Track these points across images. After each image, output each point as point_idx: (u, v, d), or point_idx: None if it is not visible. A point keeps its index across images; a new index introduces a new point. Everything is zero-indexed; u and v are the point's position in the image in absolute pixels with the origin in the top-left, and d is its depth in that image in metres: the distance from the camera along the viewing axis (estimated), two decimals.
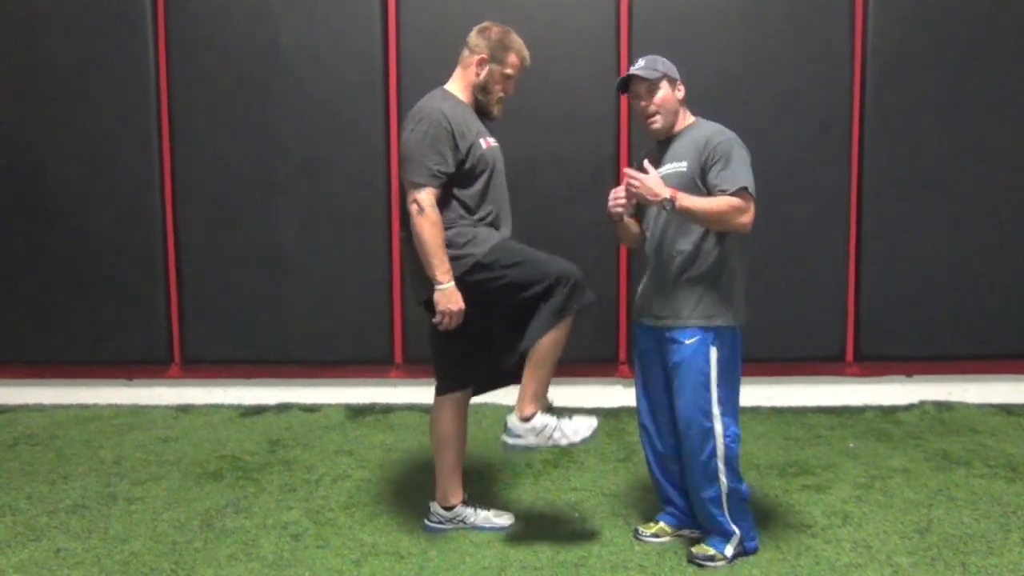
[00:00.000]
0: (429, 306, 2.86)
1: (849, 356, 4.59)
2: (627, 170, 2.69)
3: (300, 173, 4.55)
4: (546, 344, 2.78)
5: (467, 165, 2.78)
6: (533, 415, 2.80)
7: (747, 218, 2.66)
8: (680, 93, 2.82)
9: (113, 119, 4.55)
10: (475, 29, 2.90)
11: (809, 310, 4.48)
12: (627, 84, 2.82)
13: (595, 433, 2.82)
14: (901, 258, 4.49)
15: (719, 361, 2.74)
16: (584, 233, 4.42)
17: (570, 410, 2.91)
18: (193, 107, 4.54)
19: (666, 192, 2.60)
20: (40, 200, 4.61)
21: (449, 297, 2.72)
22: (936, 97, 4.43)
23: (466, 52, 2.89)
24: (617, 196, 2.79)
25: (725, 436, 2.75)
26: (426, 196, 2.71)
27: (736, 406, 2.82)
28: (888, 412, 4.47)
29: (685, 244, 2.75)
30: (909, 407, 4.53)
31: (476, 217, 2.83)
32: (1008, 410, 4.46)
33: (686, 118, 2.85)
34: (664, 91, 2.77)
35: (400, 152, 2.80)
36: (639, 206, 2.93)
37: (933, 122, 4.44)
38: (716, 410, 2.74)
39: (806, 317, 4.48)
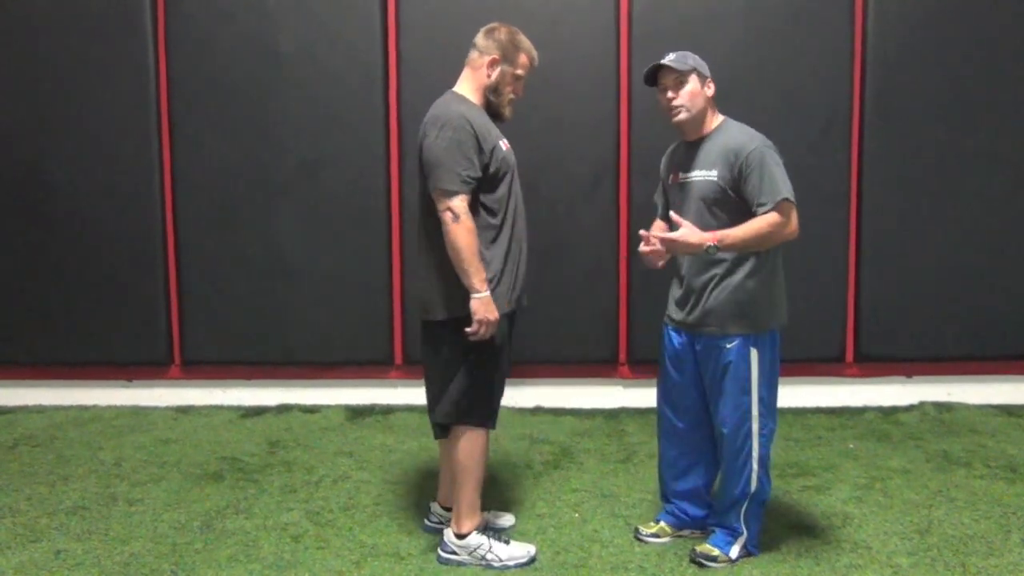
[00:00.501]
0: (427, 329, 2.80)
1: (849, 357, 4.59)
2: (659, 235, 2.64)
3: (300, 175, 4.54)
4: (465, 460, 2.79)
5: (491, 169, 2.69)
6: (469, 533, 2.81)
7: (792, 227, 2.64)
8: (710, 91, 2.75)
9: (113, 120, 4.55)
10: (482, 30, 2.82)
11: (809, 311, 4.47)
12: (655, 76, 2.77)
13: (531, 559, 2.82)
14: (901, 259, 4.49)
15: (760, 364, 2.72)
16: (585, 236, 4.43)
17: (509, 534, 2.96)
18: (192, 109, 4.54)
19: (708, 239, 2.56)
20: (40, 202, 4.60)
21: (487, 306, 2.62)
22: (936, 98, 4.43)
23: (475, 54, 2.79)
24: (656, 252, 2.71)
25: (761, 436, 2.74)
26: (460, 203, 2.60)
27: (775, 404, 2.81)
28: (888, 413, 4.46)
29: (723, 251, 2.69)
30: (909, 408, 4.53)
31: (498, 225, 2.74)
32: (1008, 411, 4.46)
33: (715, 118, 2.79)
34: (692, 85, 2.71)
35: (425, 160, 2.68)
36: (664, 209, 2.92)
37: (933, 123, 4.44)
38: (756, 411, 2.72)
39: (806, 318, 4.46)
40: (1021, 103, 4.43)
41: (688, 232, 2.58)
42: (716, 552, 2.78)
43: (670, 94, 2.73)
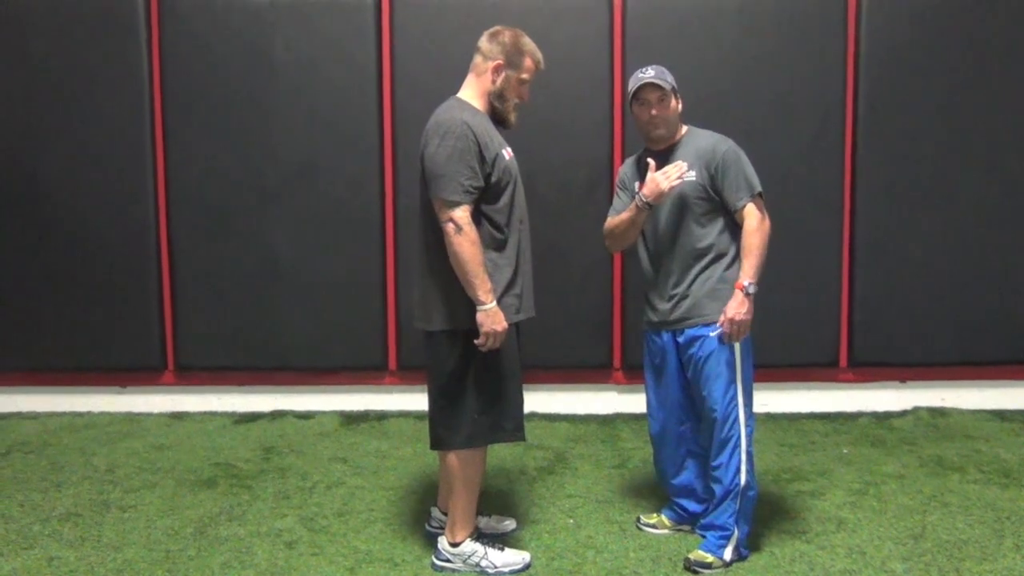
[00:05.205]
0: (431, 341, 2.75)
1: (843, 362, 4.59)
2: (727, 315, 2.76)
3: (294, 180, 4.54)
4: (461, 472, 2.78)
5: (493, 178, 2.64)
6: (462, 542, 2.81)
7: (768, 220, 2.82)
8: (680, 106, 2.91)
9: (107, 126, 4.54)
10: (486, 34, 2.76)
11: (803, 316, 4.48)
12: (637, 90, 2.86)
13: (526, 566, 2.83)
14: (895, 264, 4.50)
15: (742, 350, 2.83)
16: (579, 241, 4.43)
17: (503, 541, 2.95)
18: (187, 114, 4.53)
19: (739, 295, 2.74)
20: (33, 207, 4.59)
21: (493, 318, 2.59)
22: (930, 103, 4.44)
23: (479, 59, 2.74)
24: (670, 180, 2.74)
25: (747, 427, 2.82)
26: (462, 214, 2.55)
27: (752, 398, 2.88)
28: (882, 418, 4.47)
29: (703, 244, 2.84)
30: (903, 413, 4.54)
31: (502, 237, 2.69)
32: (1001, 416, 4.47)
33: (681, 128, 2.93)
34: (672, 102, 2.86)
35: (427, 170, 2.62)
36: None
37: (926, 128, 4.45)
38: (741, 399, 2.81)
39: (800, 323, 4.48)
40: (1014, 108, 4.45)
41: (732, 304, 2.75)
42: (710, 558, 2.78)
43: (654, 111, 2.84)
